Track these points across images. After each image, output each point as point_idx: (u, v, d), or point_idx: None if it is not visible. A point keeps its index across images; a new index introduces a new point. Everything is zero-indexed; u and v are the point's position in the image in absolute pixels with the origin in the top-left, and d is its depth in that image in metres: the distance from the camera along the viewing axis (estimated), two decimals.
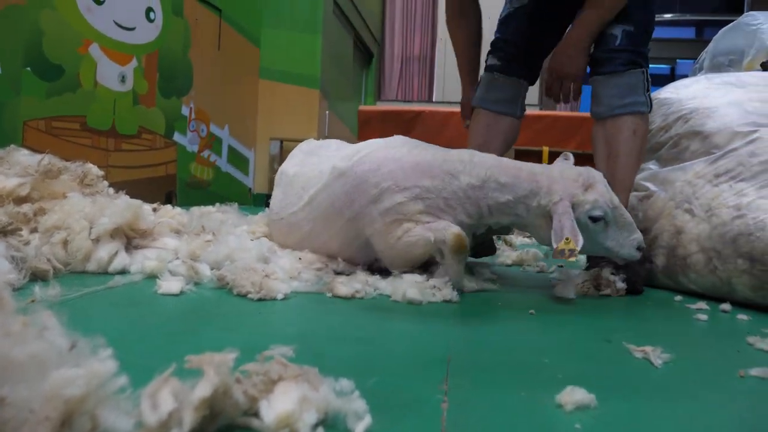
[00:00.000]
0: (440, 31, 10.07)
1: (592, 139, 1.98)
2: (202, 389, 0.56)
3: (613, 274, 1.71)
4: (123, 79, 4.26)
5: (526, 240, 3.07)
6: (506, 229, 1.81)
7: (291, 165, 2.05)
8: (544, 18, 2.12)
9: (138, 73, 4.41)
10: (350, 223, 1.71)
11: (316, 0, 6.74)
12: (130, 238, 1.64)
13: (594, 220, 1.59)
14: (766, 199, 1.60)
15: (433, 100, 10.27)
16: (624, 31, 1.86)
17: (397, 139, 1.78)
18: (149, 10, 4.54)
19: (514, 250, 2.54)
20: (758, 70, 2.09)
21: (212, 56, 5.69)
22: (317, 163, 1.90)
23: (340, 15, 7.73)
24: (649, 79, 1.92)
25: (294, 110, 6.69)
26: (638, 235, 1.66)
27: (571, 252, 1.46)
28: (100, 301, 1.23)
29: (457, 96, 2.43)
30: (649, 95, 1.90)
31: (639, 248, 1.65)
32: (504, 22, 2.22)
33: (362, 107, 5.96)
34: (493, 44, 2.23)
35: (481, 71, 2.28)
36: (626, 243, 1.63)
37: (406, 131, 2.07)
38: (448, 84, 10.04)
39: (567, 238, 1.48)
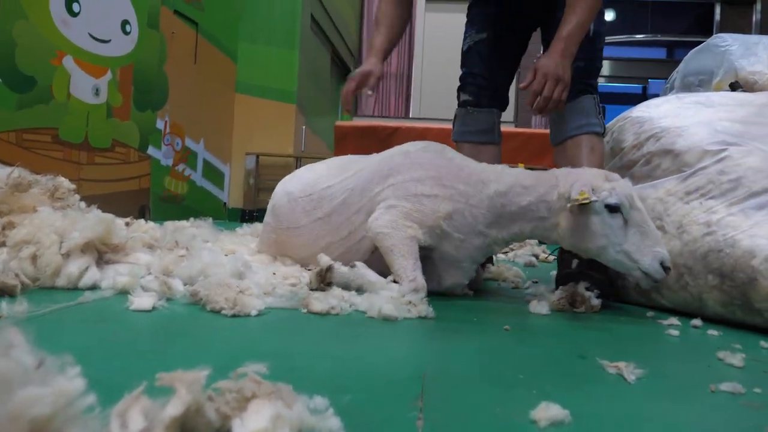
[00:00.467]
0: (417, 48, 10.16)
1: (555, 163, 2.11)
2: (174, 407, 0.55)
3: (588, 289, 1.72)
4: (97, 92, 4.22)
5: (501, 256, 3.09)
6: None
7: (304, 172, 2.15)
8: (504, 46, 2.23)
9: (112, 85, 4.37)
10: (372, 200, 1.80)
11: (293, 15, 6.77)
12: (102, 253, 1.61)
13: (611, 209, 1.57)
14: (735, 216, 1.63)
15: (410, 116, 10.33)
16: (575, 65, 1.97)
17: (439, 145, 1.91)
18: (125, 22, 4.51)
19: (492, 264, 2.55)
20: (727, 90, 2.15)
21: (188, 70, 5.67)
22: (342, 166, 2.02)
23: (317, 30, 7.77)
24: (600, 105, 2.09)
25: (270, 125, 6.68)
26: (663, 251, 1.57)
27: (585, 201, 1.52)
28: (69, 317, 1.21)
29: (434, 113, 2.47)
30: (602, 119, 2.07)
31: (663, 265, 1.55)
32: (467, 56, 2.32)
33: (339, 123, 5.98)
34: (461, 79, 2.34)
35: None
36: (648, 251, 1.56)
37: (383, 147, 2.09)
38: (424, 100, 10.12)
39: (582, 191, 1.54)
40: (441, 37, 9.74)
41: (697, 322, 1.57)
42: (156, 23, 4.93)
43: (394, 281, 1.64)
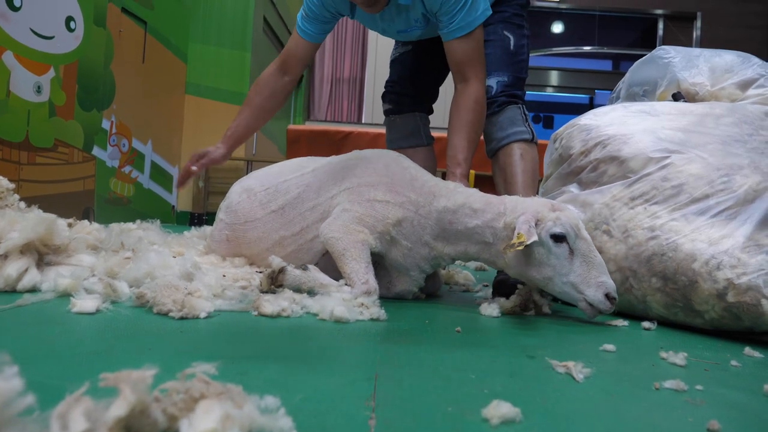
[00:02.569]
0: (370, 54, 10.19)
1: (493, 175, 2.21)
2: (118, 408, 0.53)
3: (542, 296, 1.75)
4: (39, 90, 4.07)
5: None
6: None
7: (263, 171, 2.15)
8: (428, 56, 2.30)
9: (55, 83, 4.22)
10: (329, 201, 1.83)
11: (245, 16, 6.69)
12: (43, 254, 1.55)
13: (556, 239, 1.56)
14: (677, 221, 1.68)
15: (363, 121, 10.33)
16: (498, 81, 2.11)
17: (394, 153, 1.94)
18: (69, 19, 4.37)
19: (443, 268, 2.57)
20: (670, 100, 2.22)
21: (136, 69, 5.53)
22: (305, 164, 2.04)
23: (270, 33, 7.70)
24: (527, 113, 2.18)
25: (221, 127, 6.49)
26: (609, 281, 1.56)
27: (520, 244, 1.48)
28: (6, 320, 1.15)
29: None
30: (530, 126, 2.15)
31: (609, 296, 1.54)
32: (391, 66, 2.45)
33: (291, 126, 5.94)
34: (385, 87, 2.45)
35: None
36: (593, 282, 1.55)
37: (335, 151, 2.11)
38: (377, 106, 10.13)
39: (519, 234, 1.51)
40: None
41: (647, 324, 1.60)
42: (103, 21, 4.79)
43: (347, 285, 1.63)
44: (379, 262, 1.79)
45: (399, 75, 2.40)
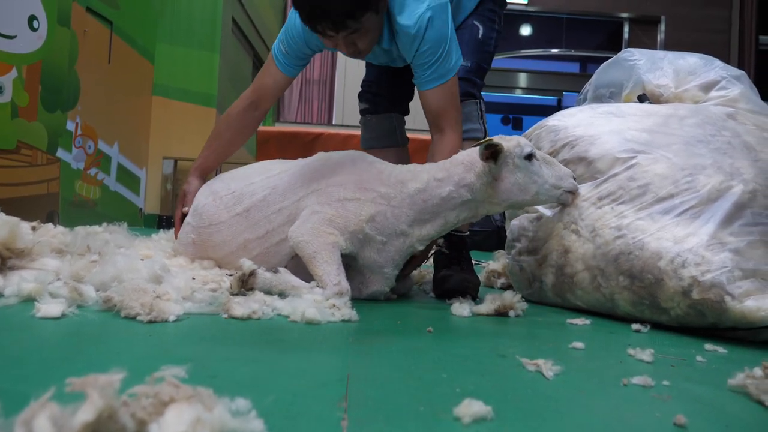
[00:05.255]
0: (340, 55, 10.17)
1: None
2: (85, 413, 0.52)
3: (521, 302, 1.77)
4: (1, 90, 3.98)
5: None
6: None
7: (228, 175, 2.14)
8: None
9: (18, 84, 4.13)
10: (296, 204, 1.83)
11: (214, 17, 6.62)
12: (5, 258, 1.51)
13: (529, 157, 1.73)
14: (643, 220, 1.71)
15: (333, 123, 10.32)
16: (462, 65, 2.07)
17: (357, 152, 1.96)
18: (32, 18, 4.28)
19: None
20: (635, 101, 2.26)
21: (102, 70, 5.43)
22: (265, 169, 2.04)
23: (239, 34, 7.64)
24: (483, 109, 2.20)
25: (189, 129, 6.49)
26: (566, 169, 1.85)
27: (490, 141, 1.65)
28: None
29: (357, 120, 2.47)
30: (484, 123, 2.18)
31: (574, 179, 1.85)
32: (367, 67, 2.43)
33: (261, 128, 5.88)
34: (361, 87, 2.44)
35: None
36: (562, 174, 1.81)
37: (306, 153, 2.09)
38: (347, 107, 10.13)
39: (489, 138, 1.67)
40: None
41: (638, 326, 1.60)
42: (67, 20, 4.70)
43: (319, 287, 1.63)
44: (350, 264, 1.79)
45: (376, 76, 2.39)
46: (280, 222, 1.84)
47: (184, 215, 2.12)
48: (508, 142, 1.72)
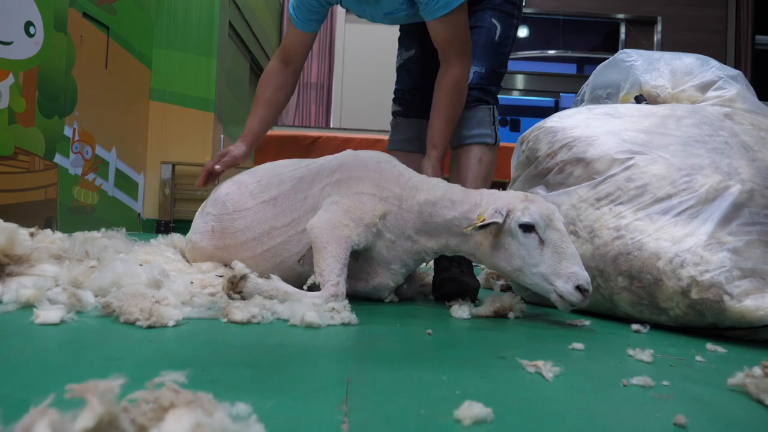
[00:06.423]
0: (338, 59, 10.18)
1: (449, 166, 2.27)
2: (85, 420, 0.52)
3: (520, 303, 1.76)
4: None
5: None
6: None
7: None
8: (432, 62, 2.27)
9: (15, 90, 4.13)
10: (320, 192, 1.86)
11: (211, 22, 6.62)
12: (3, 264, 1.51)
13: (524, 228, 1.56)
14: (641, 220, 1.72)
15: (330, 126, 10.31)
16: (475, 72, 2.13)
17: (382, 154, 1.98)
18: (29, 24, 4.28)
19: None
20: (632, 102, 2.26)
21: (99, 75, 5.43)
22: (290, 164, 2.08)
23: (236, 38, 7.63)
24: (497, 115, 2.21)
25: (187, 134, 6.49)
26: (582, 272, 1.51)
27: (482, 224, 1.56)
28: None
29: (355, 123, 2.51)
30: (496, 129, 2.19)
31: (579, 288, 1.50)
32: (398, 73, 2.48)
33: None
34: (394, 93, 2.49)
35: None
36: (564, 273, 1.51)
37: (304, 156, 2.12)
38: (345, 111, 10.13)
39: (480, 215, 1.59)
40: (361, 48, 9.80)
41: (637, 326, 1.61)
42: (63, 26, 4.70)
43: (313, 287, 1.63)
44: (361, 253, 1.81)
45: (407, 84, 2.43)
46: (305, 210, 1.87)
47: (214, 173, 2.15)
48: (522, 203, 1.60)
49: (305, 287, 2.25)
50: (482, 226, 1.58)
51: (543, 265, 1.55)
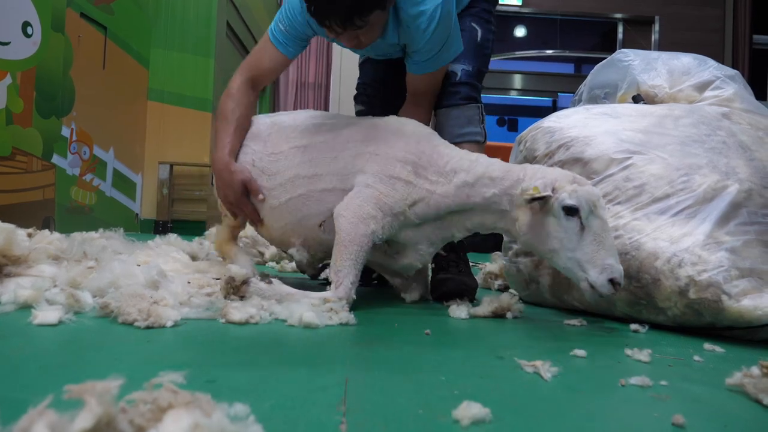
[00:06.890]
0: (335, 59, 10.18)
1: None
2: (83, 420, 0.52)
3: (518, 303, 1.76)
4: None
5: None
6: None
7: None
8: (398, 59, 2.26)
9: (12, 90, 4.12)
10: (353, 158, 1.80)
11: (208, 22, 6.61)
12: (2, 265, 1.51)
13: (567, 211, 1.51)
14: (639, 220, 1.72)
15: None
16: (463, 69, 2.13)
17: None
18: (26, 24, 4.27)
19: None
20: (630, 102, 2.26)
21: (97, 76, 5.43)
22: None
23: (233, 38, 7.63)
24: (483, 113, 2.21)
25: (185, 134, 6.48)
26: (617, 265, 1.47)
27: (537, 195, 1.51)
28: None
29: None
30: (484, 126, 2.18)
31: (612, 281, 1.46)
32: (361, 68, 2.45)
33: None
34: (357, 89, 2.45)
35: None
36: (599, 263, 1.47)
37: None
38: (343, 111, 10.13)
39: (535, 186, 1.53)
40: None
41: (636, 326, 1.61)
42: (61, 26, 4.69)
43: (327, 283, 1.62)
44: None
45: (370, 77, 2.40)
46: (331, 170, 1.82)
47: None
48: (569, 184, 1.55)
49: (322, 276, 2.26)
50: (536, 198, 1.52)
51: (580, 251, 1.50)
